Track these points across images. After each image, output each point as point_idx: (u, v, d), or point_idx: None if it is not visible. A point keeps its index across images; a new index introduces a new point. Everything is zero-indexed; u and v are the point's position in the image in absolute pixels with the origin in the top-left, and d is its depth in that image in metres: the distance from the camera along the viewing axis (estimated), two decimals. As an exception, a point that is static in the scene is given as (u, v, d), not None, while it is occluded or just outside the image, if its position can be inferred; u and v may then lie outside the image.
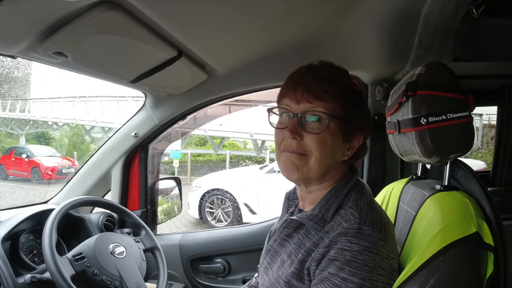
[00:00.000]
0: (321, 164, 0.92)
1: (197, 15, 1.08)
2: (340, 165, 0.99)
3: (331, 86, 0.91)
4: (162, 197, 2.16)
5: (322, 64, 0.97)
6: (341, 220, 0.90)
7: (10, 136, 19.89)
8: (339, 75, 0.95)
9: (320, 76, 0.92)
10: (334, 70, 0.96)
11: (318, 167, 0.93)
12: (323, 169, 0.94)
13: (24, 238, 1.55)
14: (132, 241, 1.49)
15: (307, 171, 0.94)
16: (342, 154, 0.96)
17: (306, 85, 0.92)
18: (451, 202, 0.95)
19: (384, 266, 0.83)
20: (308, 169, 0.93)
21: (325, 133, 0.91)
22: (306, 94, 0.92)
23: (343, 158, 0.97)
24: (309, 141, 0.92)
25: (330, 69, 0.95)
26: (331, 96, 0.91)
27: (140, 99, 12.36)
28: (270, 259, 1.03)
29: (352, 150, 0.97)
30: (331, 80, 0.92)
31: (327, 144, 0.91)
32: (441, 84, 0.96)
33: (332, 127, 0.91)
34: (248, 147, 17.66)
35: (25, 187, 11.79)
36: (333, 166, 0.96)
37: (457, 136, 0.96)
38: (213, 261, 1.97)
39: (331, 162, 0.94)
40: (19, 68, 22.74)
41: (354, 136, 0.96)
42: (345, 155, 0.97)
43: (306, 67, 0.97)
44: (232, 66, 1.57)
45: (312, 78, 0.92)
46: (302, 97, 0.92)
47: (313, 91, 0.91)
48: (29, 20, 0.94)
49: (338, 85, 0.92)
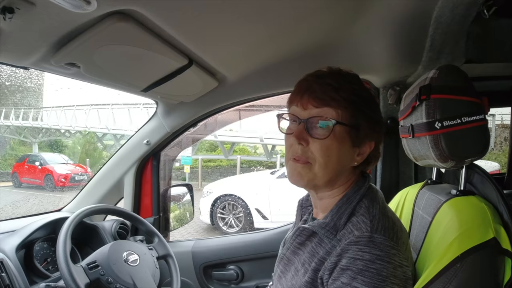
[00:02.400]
0: (327, 170, 0.91)
1: (207, 24, 1.08)
2: (351, 171, 0.97)
3: (337, 93, 0.90)
4: (174, 204, 2.16)
5: (330, 71, 0.96)
6: (352, 228, 0.88)
7: (23, 144, 20.22)
8: (347, 81, 0.93)
9: (326, 83, 0.91)
10: (342, 76, 0.94)
11: (323, 173, 0.92)
12: (330, 174, 0.93)
13: (39, 246, 1.56)
14: (145, 249, 1.49)
15: (312, 177, 0.93)
16: (352, 160, 0.95)
17: (313, 92, 0.92)
18: (468, 207, 0.94)
19: (397, 274, 0.82)
20: (314, 176, 0.92)
21: (331, 139, 0.90)
22: (312, 100, 0.91)
23: (352, 164, 0.96)
24: (314, 147, 0.91)
25: (337, 76, 0.94)
26: (337, 103, 0.90)
27: (151, 106, 12.42)
28: (283, 267, 1.02)
29: (363, 156, 0.96)
30: (338, 86, 0.91)
31: (332, 150, 0.90)
32: (455, 87, 0.95)
33: (339, 133, 0.90)
34: (258, 151, 17.68)
35: (38, 195, 11.96)
36: (342, 172, 0.95)
37: (473, 140, 0.94)
38: (226, 268, 1.97)
39: (338, 168, 0.93)
40: (31, 78, 23.14)
41: (364, 142, 0.94)
42: (355, 161, 0.95)
43: (313, 74, 0.96)
44: (242, 73, 1.58)
45: (318, 85, 0.91)
46: (308, 102, 0.92)
47: (320, 98, 0.91)
48: (41, 32, 0.95)
49: (345, 91, 0.90)
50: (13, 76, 21.96)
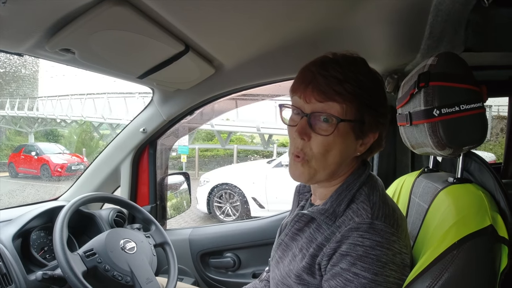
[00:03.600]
0: (328, 165, 0.91)
1: (204, 9, 1.06)
2: (352, 160, 0.97)
3: (343, 86, 0.87)
4: (171, 192, 2.16)
5: (335, 58, 0.92)
6: (352, 214, 0.88)
7: (19, 134, 20.08)
8: (353, 71, 0.89)
9: (331, 75, 0.87)
10: (348, 65, 0.90)
11: (324, 169, 0.91)
12: (331, 170, 0.92)
13: (35, 235, 1.56)
14: (142, 237, 1.49)
15: (313, 173, 0.92)
16: (354, 151, 0.94)
17: (316, 85, 0.88)
18: (465, 195, 0.94)
19: (396, 261, 0.83)
20: (315, 171, 0.92)
21: (334, 135, 0.88)
22: (316, 94, 0.88)
23: (355, 154, 0.95)
24: (315, 143, 0.90)
25: (343, 65, 0.89)
26: (342, 97, 0.87)
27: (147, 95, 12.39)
28: (281, 253, 1.03)
29: (366, 145, 0.95)
30: (343, 79, 0.87)
31: (334, 145, 0.89)
32: (454, 74, 0.94)
33: (342, 128, 0.88)
34: (255, 141, 17.67)
35: (35, 184, 11.93)
36: (343, 163, 0.94)
37: (471, 127, 0.94)
38: (223, 255, 1.98)
39: (340, 161, 0.92)
40: (26, 66, 22.92)
41: (367, 134, 0.93)
42: (358, 151, 0.95)
43: (317, 63, 0.92)
44: (240, 60, 1.56)
45: (323, 78, 0.88)
46: (312, 96, 0.89)
47: (324, 92, 0.87)
48: (36, 17, 0.94)
49: (351, 84, 0.87)
50: (7, 63, 21.72)
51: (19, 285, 1.33)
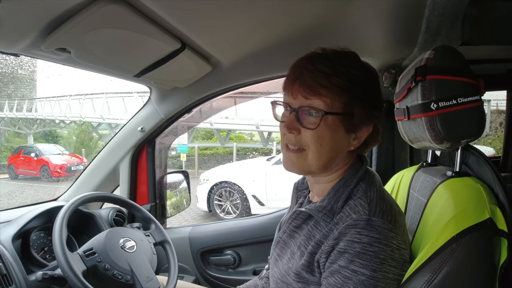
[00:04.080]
0: (320, 158, 0.91)
1: (200, 6, 1.06)
2: (347, 155, 0.97)
3: (329, 80, 0.87)
4: (171, 191, 2.16)
5: (324, 53, 0.92)
6: (350, 211, 0.88)
7: (18, 136, 20.07)
8: (342, 65, 0.89)
9: (317, 70, 0.88)
10: (338, 59, 0.90)
11: (317, 161, 0.91)
12: (324, 162, 0.92)
13: (35, 235, 1.56)
14: (142, 235, 1.49)
15: (307, 165, 0.93)
16: (348, 145, 0.94)
17: (302, 80, 0.89)
18: (464, 188, 0.93)
19: (395, 257, 0.83)
20: (308, 164, 0.92)
21: (322, 128, 0.88)
22: (302, 89, 0.89)
23: (349, 149, 0.95)
24: (306, 136, 0.90)
25: (332, 60, 0.90)
26: (329, 91, 0.87)
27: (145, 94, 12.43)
28: (279, 250, 1.03)
29: (360, 139, 0.94)
30: (331, 73, 0.87)
31: (324, 138, 0.89)
32: (451, 68, 0.94)
33: (331, 121, 0.89)
34: (254, 139, 17.67)
35: (34, 186, 11.93)
36: (337, 157, 0.94)
37: (469, 120, 0.93)
38: (223, 253, 1.98)
39: (332, 155, 0.93)
40: (23, 66, 22.87)
41: (359, 127, 0.93)
42: (351, 145, 0.94)
43: (305, 58, 0.93)
44: (237, 57, 1.56)
45: (309, 72, 0.89)
46: (298, 92, 0.90)
47: (309, 86, 0.88)
48: (31, 16, 0.93)
49: (339, 78, 0.87)
50: (4, 64, 21.68)
51: (20, 285, 1.33)
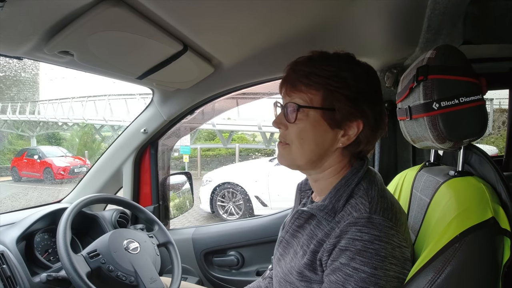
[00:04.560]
0: (303, 151, 0.95)
1: (202, 8, 1.06)
2: (339, 153, 0.97)
3: (308, 77, 0.92)
4: (174, 192, 2.17)
5: (307, 57, 0.97)
6: (351, 209, 0.89)
7: (21, 138, 20.14)
8: (323, 63, 0.93)
9: (299, 69, 0.94)
10: (318, 60, 0.95)
11: (300, 156, 0.95)
12: (308, 155, 0.95)
13: (39, 237, 1.57)
14: (145, 237, 1.50)
15: (291, 159, 0.98)
16: (334, 141, 0.94)
17: (288, 80, 0.96)
18: (466, 187, 0.93)
19: (396, 255, 0.83)
20: (292, 157, 0.97)
21: (303, 122, 0.93)
22: (287, 88, 0.96)
23: (337, 146, 0.95)
24: (291, 131, 0.96)
25: (312, 60, 0.95)
26: (307, 87, 0.93)
27: (148, 96, 12.36)
28: (282, 250, 1.04)
29: (349, 137, 0.94)
30: (310, 71, 0.92)
31: (306, 132, 0.93)
32: (453, 67, 0.94)
33: (312, 116, 0.93)
34: (257, 140, 17.66)
35: (38, 188, 11.96)
36: (325, 154, 0.95)
37: (471, 120, 0.93)
38: (227, 254, 1.98)
39: (317, 150, 0.94)
40: (26, 69, 22.97)
41: (344, 123, 0.92)
42: (340, 142, 0.94)
43: (293, 61, 0.98)
44: (239, 58, 1.56)
45: (293, 72, 0.96)
46: (285, 90, 0.97)
47: (292, 84, 0.95)
48: (33, 19, 0.94)
49: (318, 76, 0.92)
50: (7, 67, 21.75)
51: (24, 287, 1.33)
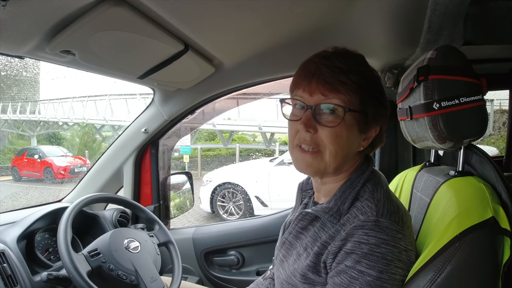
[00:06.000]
0: (337, 158, 0.90)
1: (202, 7, 1.07)
2: (356, 156, 0.97)
3: (347, 77, 0.87)
4: (174, 192, 2.17)
5: (337, 52, 0.92)
6: (357, 212, 0.88)
7: (22, 138, 20.15)
8: (355, 63, 0.90)
9: (335, 66, 0.87)
10: (350, 57, 0.91)
11: (333, 161, 0.90)
12: (339, 162, 0.91)
13: (40, 236, 1.57)
14: (146, 236, 1.50)
15: (323, 166, 0.91)
16: (358, 145, 0.94)
17: (321, 76, 0.88)
18: (466, 187, 0.94)
19: (402, 258, 0.83)
20: (324, 165, 0.91)
21: (341, 126, 0.87)
22: (321, 85, 0.88)
23: (358, 149, 0.95)
24: (323, 135, 0.89)
25: (346, 57, 0.90)
26: (347, 88, 0.87)
27: (148, 96, 12.35)
28: (285, 251, 1.03)
29: (368, 140, 0.95)
30: (348, 70, 0.87)
31: (342, 137, 0.88)
32: (453, 67, 0.94)
33: (348, 119, 0.88)
34: (257, 140, 17.67)
35: (38, 187, 11.97)
36: (348, 157, 0.94)
37: (471, 120, 0.94)
38: (227, 253, 1.98)
39: (347, 155, 0.92)
40: (27, 69, 22.98)
41: (371, 127, 0.93)
42: (361, 146, 0.95)
43: (320, 55, 0.92)
44: (240, 58, 1.56)
45: (327, 69, 0.87)
46: (316, 88, 0.88)
47: (329, 83, 0.87)
48: (35, 19, 0.94)
49: (355, 75, 0.87)
50: (8, 66, 21.78)
51: (24, 286, 1.33)
